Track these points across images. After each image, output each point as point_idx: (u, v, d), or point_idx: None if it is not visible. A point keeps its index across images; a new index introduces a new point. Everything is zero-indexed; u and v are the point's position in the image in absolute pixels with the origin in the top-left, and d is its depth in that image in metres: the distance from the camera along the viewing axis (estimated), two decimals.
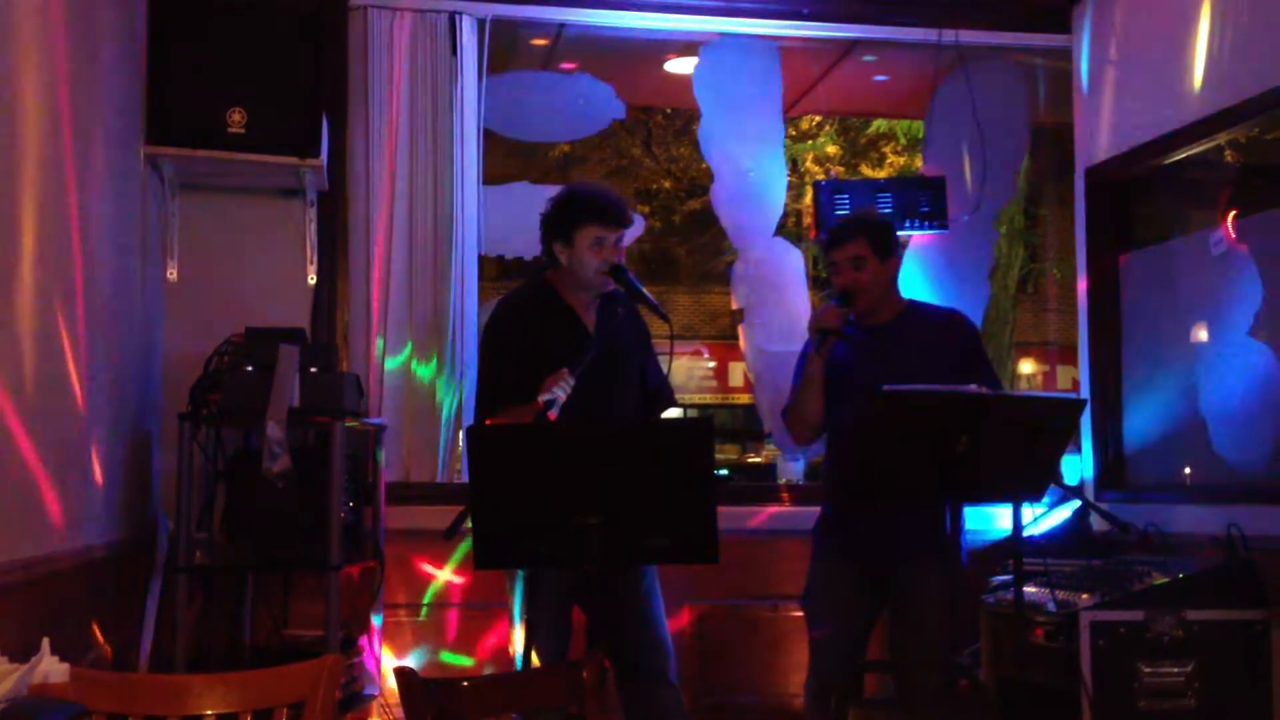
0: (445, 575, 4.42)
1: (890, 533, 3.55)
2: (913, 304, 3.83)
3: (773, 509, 4.68)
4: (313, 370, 3.72)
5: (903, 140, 12.81)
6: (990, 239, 5.32)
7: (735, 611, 4.55)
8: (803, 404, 3.69)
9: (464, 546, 4.28)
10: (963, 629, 3.84)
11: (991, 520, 4.57)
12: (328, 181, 4.33)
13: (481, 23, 4.67)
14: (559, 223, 3.52)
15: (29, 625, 2.43)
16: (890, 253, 3.70)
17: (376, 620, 4.09)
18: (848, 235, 3.68)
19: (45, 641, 2.05)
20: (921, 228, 4.89)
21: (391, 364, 4.47)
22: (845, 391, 3.61)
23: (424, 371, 4.52)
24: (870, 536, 3.59)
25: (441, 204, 4.57)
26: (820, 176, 13.41)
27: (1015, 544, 3.31)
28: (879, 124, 12.93)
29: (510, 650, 3.58)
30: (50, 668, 2.02)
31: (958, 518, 3.52)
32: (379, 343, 4.47)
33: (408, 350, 4.51)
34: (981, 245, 5.20)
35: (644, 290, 3.52)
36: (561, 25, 4.94)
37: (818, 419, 3.69)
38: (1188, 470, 4.42)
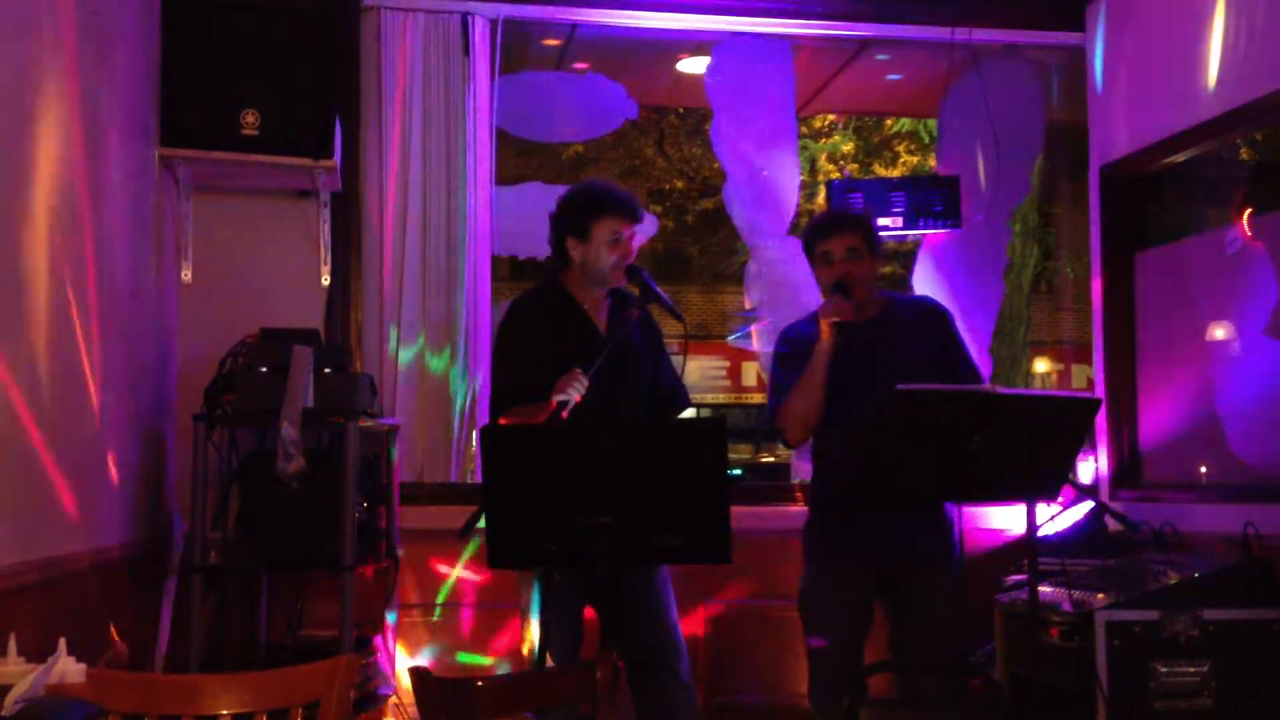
0: (459, 575, 4.42)
1: (892, 533, 3.51)
2: (891, 298, 3.76)
3: (786, 508, 4.67)
4: (327, 371, 3.73)
5: (926, 139, 12.75)
6: (1004, 238, 5.31)
7: (748, 611, 4.54)
8: (805, 402, 3.55)
9: (477, 545, 4.28)
10: (966, 629, 3.79)
11: (1003, 520, 4.56)
12: (341, 182, 4.34)
13: (494, 23, 4.68)
14: (576, 217, 3.52)
15: (45, 625, 2.44)
16: (877, 249, 3.66)
17: (391, 620, 4.10)
18: (846, 225, 3.61)
19: (62, 641, 2.06)
20: (935, 226, 4.88)
21: (405, 364, 4.48)
22: (837, 389, 3.55)
23: (437, 372, 4.53)
24: (871, 537, 3.53)
25: (454, 204, 4.58)
26: (834, 176, 13.40)
27: (1030, 543, 3.29)
28: (904, 122, 12.89)
29: (523, 650, 3.58)
30: (67, 668, 2.03)
31: (960, 516, 3.52)
32: (392, 343, 4.48)
33: (421, 351, 4.51)
34: (995, 244, 5.18)
35: (659, 290, 3.52)
36: (574, 25, 4.95)
37: (818, 417, 3.58)
38: (1203, 469, 4.40)
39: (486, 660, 4.39)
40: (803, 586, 3.67)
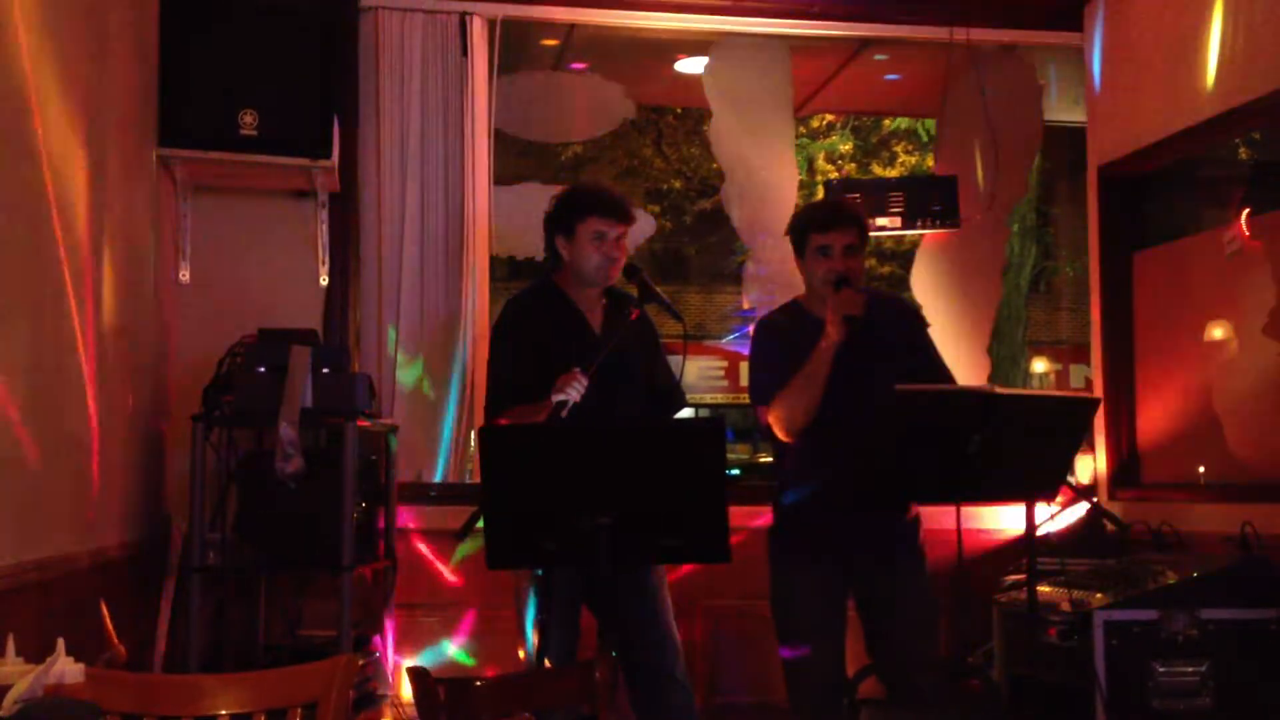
0: (457, 575, 4.42)
1: (857, 530, 3.47)
2: (867, 296, 3.70)
3: None
4: (325, 371, 3.73)
5: (925, 138, 12.75)
6: (1002, 237, 5.31)
7: (747, 611, 4.54)
8: (806, 400, 3.44)
9: (475, 545, 4.27)
10: (937, 615, 3.75)
11: (1002, 519, 4.57)
12: (339, 182, 4.34)
13: (492, 23, 4.68)
14: (561, 217, 3.54)
15: (44, 626, 2.44)
16: (866, 245, 3.63)
17: (389, 620, 4.10)
18: (846, 220, 3.52)
19: (60, 642, 2.06)
20: (933, 226, 4.89)
21: (403, 364, 4.48)
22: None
23: (436, 372, 4.52)
24: (837, 537, 3.49)
25: (453, 204, 4.58)
26: (832, 175, 13.41)
27: (1029, 543, 3.30)
28: (901, 122, 12.90)
29: (520, 650, 3.58)
30: (65, 668, 2.02)
31: (913, 514, 3.52)
32: (390, 343, 4.48)
33: (420, 351, 4.51)
34: (994, 244, 5.19)
35: (657, 291, 3.52)
36: (572, 25, 4.95)
37: (816, 409, 3.45)
38: (1202, 469, 4.41)
39: (485, 660, 4.39)
40: (775, 595, 3.57)
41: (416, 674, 2.35)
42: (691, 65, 5.32)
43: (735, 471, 11.96)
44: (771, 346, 3.63)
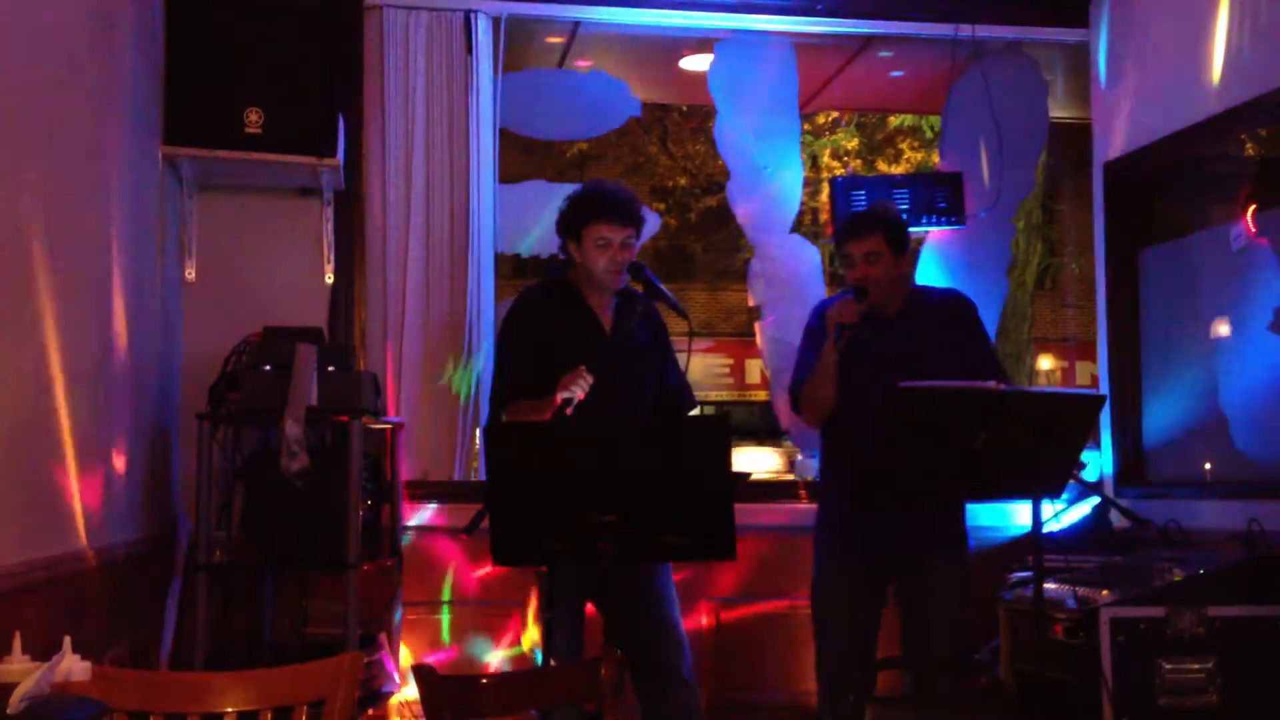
0: (463, 573, 4.42)
1: (901, 530, 3.53)
2: (915, 290, 3.82)
3: (790, 506, 4.67)
4: (330, 369, 3.73)
5: (929, 134, 12.73)
6: (1008, 234, 5.30)
7: (752, 608, 4.54)
8: (818, 393, 3.67)
9: (481, 544, 4.28)
10: (973, 625, 3.80)
11: (1008, 517, 4.56)
12: (344, 180, 4.34)
13: (496, 21, 4.68)
14: (569, 220, 3.56)
15: (51, 623, 2.44)
16: (904, 248, 3.70)
17: (395, 617, 4.10)
18: (866, 229, 3.67)
19: (67, 640, 2.07)
20: (939, 224, 4.88)
21: (409, 362, 4.48)
22: (854, 385, 3.59)
23: (441, 369, 4.53)
24: (881, 534, 3.56)
25: (458, 202, 4.58)
26: (838, 172, 13.38)
27: (1035, 540, 3.29)
28: (904, 118, 12.87)
29: (526, 647, 3.58)
30: (72, 666, 2.03)
31: (965, 514, 3.55)
32: (396, 341, 4.48)
33: (425, 348, 4.51)
34: (999, 241, 5.17)
35: (664, 288, 3.52)
36: (576, 23, 4.94)
37: (830, 405, 3.69)
38: (1208, 466, 4.40)
39: (490, 658, 4.39)
40: (815, 576, 3.71)
41: (422, 671, 2.35)
42: (697, 62, 5.31)
43: (748, 470, 11.92)
44: (809, 329, 3.80)
